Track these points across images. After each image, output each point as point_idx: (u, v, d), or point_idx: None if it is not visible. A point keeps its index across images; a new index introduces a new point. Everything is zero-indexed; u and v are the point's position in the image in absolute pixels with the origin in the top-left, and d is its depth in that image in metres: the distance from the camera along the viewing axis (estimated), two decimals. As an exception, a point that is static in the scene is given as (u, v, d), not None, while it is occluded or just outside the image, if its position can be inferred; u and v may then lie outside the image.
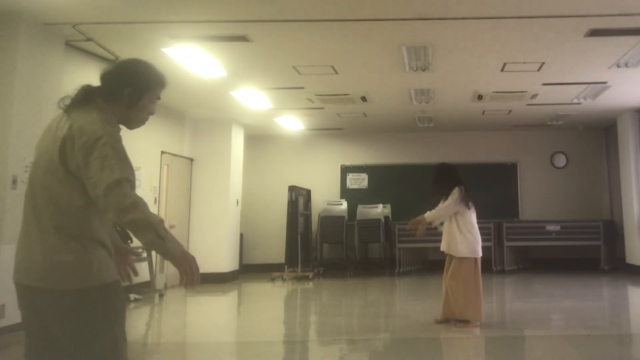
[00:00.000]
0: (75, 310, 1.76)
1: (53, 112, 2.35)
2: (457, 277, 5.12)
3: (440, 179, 5.35)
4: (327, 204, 10.74)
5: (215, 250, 9.23)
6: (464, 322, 5.12)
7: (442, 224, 5.38)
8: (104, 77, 1.94)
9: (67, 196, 1.78)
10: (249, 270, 10.43)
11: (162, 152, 8.50)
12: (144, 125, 2.05)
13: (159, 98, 2.03)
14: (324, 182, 11.19)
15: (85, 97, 1.89)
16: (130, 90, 1.92)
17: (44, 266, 1.75)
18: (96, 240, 1.82)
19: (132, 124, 2.01)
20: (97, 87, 1.93)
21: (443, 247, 5.29)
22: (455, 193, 5.18)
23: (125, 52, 5.90)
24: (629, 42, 5.71)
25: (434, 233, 5.52)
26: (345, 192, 11.14)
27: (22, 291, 1.82)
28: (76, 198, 1.78)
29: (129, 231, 1.74)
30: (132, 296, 7.14)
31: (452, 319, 5.26)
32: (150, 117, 2.07)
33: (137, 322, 6.21)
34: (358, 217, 10.42)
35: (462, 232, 5.17)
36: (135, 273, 2.12)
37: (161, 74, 2.05)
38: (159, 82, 2.02)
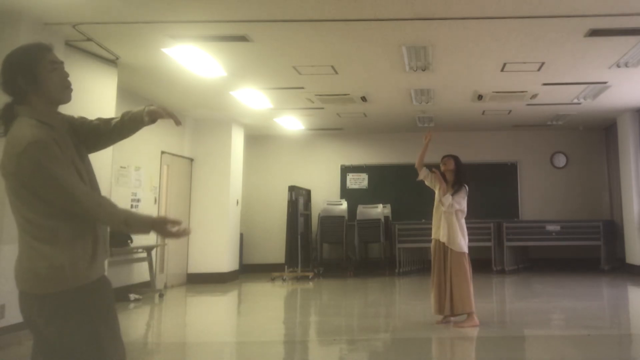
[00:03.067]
0: (56, 313, 1.80)
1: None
2: (461, 273, 5.14)
3: (462, 169, 5.41)
4: (327, 204, 10.73)
5: (215, 250, 9.23)
6: (464, 319, 5.13)
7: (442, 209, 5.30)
8: (2, 89, 1.87)
9: (26, 207, 1.80)
10: (249, 270, 10.43)
11: (162, 152, 8.50)
12: (72, 90, 1.97)
13: (56, 62, 1.93)
14: (324, 182, 11.19)
15: (6, 116, 1.86)
16: (22, 77, 1.84)
17: (25, 272, 1.83)
18: (70, 240, 1.82)
19: (60, 98, 1.93)
20: (9, 101, 1.87)
21: (442, 238, 5.22)
22: (464, 193, 5.29)
23: (125, 52, 5.90)
24: (629, 42, 5.71)
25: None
26: (345, 192, 11.14)
27: (19, 296, 1.88)
28: (34, 208, 1.80)
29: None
30: (132, 296, 7.14)
31: (450, 317, 5.27)
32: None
33: (137, 322, 6.21)
34: (358, 217, 10.42)
35: (461, 228, 5.25)
36: (176, 121, 2.27)
37: (32, 43, 1.95)
38: (38, 50, 1.91)
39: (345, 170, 11.30)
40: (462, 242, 5.21)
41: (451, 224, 5.21)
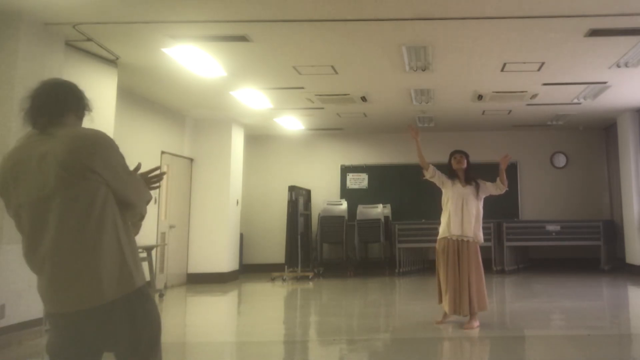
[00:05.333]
0: (133, 312, 1.87)
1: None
2: (478, 268, 5.13)
3: (470, 167, 5.44)
4: (327, 204, 10.73)
5: (215, 250, 9.23)
6: (472, 319, 5.11)
7: (462, 207, 5.19)
8: (74, 94, 1.96)
9: (84, 213, 1.81)
10: (249, 270, 10.43)
11: (162, 152, 8.50)
12: None
13: None
14: (324, 182, 11.19)
15: (62, 112, 1.90)
16: (86, 102, 2.00)
17: (84, 287, 1.79)
18: (126, 241, 1.89)
19: None
20: (71, 102, 1.94)
21: (466, 232, 5.11)
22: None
23: (125, 52, 5.90)
24: (629, 42, 5.71)
25: (434, 233, 5.49)
26: (345, 192, 11.14)
27: (68, 317, 1.82)
28: (90, 214, 1.82)
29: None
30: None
31: (450, 317, 5.27)
32: (150, 117, 2.12)
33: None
34: (358, 217, 10.42)
35: (481, 219, 5.25)
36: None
37: None
38: None
39: (345, 170, 11.30)
40: (481, 234, 5.22)
41: (478, 216, 5.19)
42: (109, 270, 1.80)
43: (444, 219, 5.28)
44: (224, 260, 9.28)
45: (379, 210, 10.50)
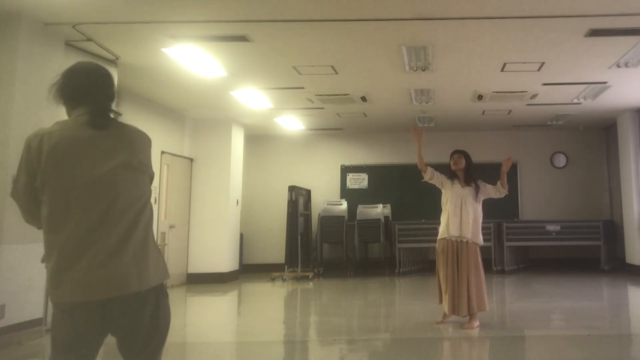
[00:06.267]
0: (164, 297, 2.01)
1: (54, 112, 2.35)
2: (478, 268, 5.12)
3: (472, 166, 5.41)
4: (327, 204, 10.73)
5: (215, 250, 9.23)
6: (471, 319, 5.10)
7: (461, 208, 5.17)
8: (113, 90, 2.02)
9: (139, 202, 1.91)
10: (249, 270, 10.43)
11: (162, 152, 8.50)
12: None
13: None
14: (324, 182, 11.19)
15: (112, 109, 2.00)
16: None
17: (141, 271, 1.85)
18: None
19: None
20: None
21: (464, 233, 5.09)
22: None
23: (125, 52, 5.90)
24: (629, 42, 5.71)
25: (434, 233, 5.49)
26: (345, 192, 11.14)
27: (113, 303, 1.81)
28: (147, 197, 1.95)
29: None
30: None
31: (450, 318, 5.27)
32: (150, 117, 2.17)
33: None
34: (358, 217, 10.42)
35: (481, 221, 5.23)
36: None
37: None
38: None
39: (345, 170, 11.30)
40: (481, 235, 5.21)
41: (477, 217, 5.17)
42: (154, 257, 1.90)
43: (443, 220, 5.28)
44: (224, 260, 9.28)
45: (379, 210, 10.50)
